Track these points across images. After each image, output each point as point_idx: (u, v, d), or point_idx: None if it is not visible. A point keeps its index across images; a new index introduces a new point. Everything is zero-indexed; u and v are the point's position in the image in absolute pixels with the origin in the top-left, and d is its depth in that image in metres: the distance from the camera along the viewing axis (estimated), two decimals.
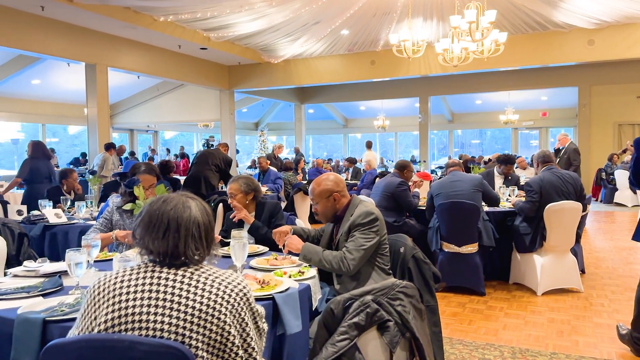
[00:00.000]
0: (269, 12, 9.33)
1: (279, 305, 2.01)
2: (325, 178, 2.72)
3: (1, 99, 14.19)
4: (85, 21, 8.93)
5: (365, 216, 2.54)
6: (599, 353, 3.31)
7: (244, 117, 21.20)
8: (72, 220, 4.43)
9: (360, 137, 24.26)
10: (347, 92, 16.72)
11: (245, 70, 13.43)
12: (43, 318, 1.75)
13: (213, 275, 1.47)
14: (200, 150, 7.92)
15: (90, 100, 9.74)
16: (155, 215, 1.50)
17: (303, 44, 11.67)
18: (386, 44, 11.30)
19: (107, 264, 2.69)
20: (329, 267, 2.51)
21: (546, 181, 4.47)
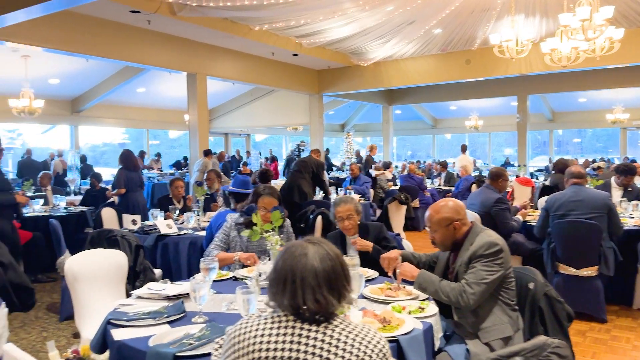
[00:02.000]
0: (360, 16, 9.24)
1: (403, 348, 1.90)
2: (444, 205, 2.56)
3: (109, 107, 15.38)
4: (187, 33, 9.38)
5: (488, 247, 2.35)
6: None
7: (331, 119, 21.32)
8: (182, 231, 4.62)
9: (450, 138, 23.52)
10: (437, 92, 16.20)
11: (335, 74, 13.45)
12: (173, 353, 1.78)
13: (353, 333, 1.39)
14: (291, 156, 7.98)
15: (191, 107, 10.23)
16: (277, 268, 1.45)
17: (394, 45, 11.45)
18: (483, 42, 10.79)
19: (222, 285, 2.74)
20: (446, 299, 2.36)
21: None
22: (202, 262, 2.52)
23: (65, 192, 8.80)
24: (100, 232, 3.80)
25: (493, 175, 5.02)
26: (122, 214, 5.39)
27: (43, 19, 6.34)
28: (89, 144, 19.48)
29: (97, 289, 2.98)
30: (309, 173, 7.14)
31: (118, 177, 6.68)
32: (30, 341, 4.03)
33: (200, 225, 4.88)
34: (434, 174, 13.13)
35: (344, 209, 3.25)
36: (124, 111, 16.11)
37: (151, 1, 7.67)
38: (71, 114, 14.63)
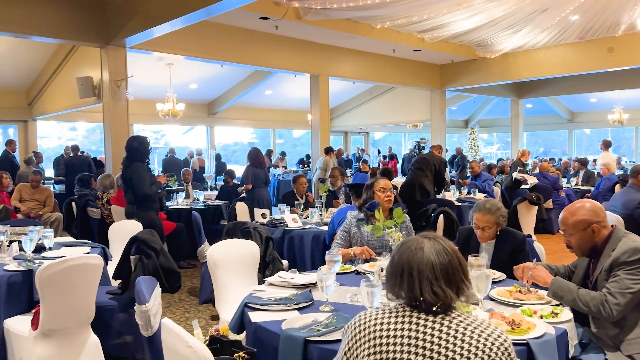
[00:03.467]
0: (488, 7, 8.83)
1: (534, 352, 1.83)
2: (580, 206, 2.37)
3: (240, 109, 16.52)
4: (310, 35, 9.73)
5: (633, 253, 2.15)
6: None
7: (453, 115, 20.62)
8: (306, 225, 4.85)
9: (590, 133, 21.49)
10: (574, 83, 14.89)
11: (458, 68, 13.02)
12: (304, 337, 1.91)
13: (472, 325, 1.39)
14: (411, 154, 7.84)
15: (314, 107, 10.61)
16: (393, 262, 1.51)
17: (525, 35, 10.77)
18: (629, 28, 9.73)
19: (345, 278, 2.84)
20: (585, 309, 2.20)
21: None
22: (328, 254, 2.65)
23: (203, 187, 9.66)
24: (235, 224, 4.13)
25: (635, 172, 4.54)
26: (253, 208, 5.79)
27: (184, 29, 7.02)
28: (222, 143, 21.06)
29: (234, 275, 3.26)
30: (431, 170, 7.00)
31: (246, 174, 7.20)
32: (175, 320, 4.49)
33: (322, 221, 5.07)
34: (571, 172, 12.12)
35: (482, 218, 2.99)
36: (253, 112, 17.18)
37: (279, 7, 8.09)
38: (207, 115, 15.98)
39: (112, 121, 7.73)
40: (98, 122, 11.21)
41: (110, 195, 6.38)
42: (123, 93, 7.66)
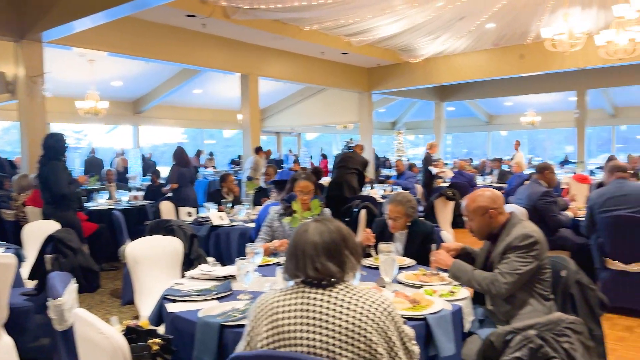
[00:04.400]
0: (410, 13, 9.25)
1: (431, 326, 2.01)
2: (480, 194, 2.63)
3: (168, 107, 16.15)
4: (240, 35, 9.73)
5: (523, 239, 2.40)
6: None
7: (381, 117, 21.28)
8: (233, 223, 4.89)
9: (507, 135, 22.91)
10: (491, 87, 15.86)
11: (385, 72, 13.49)
12: (220, 323, 1.98)
13: (357, 295, 1.55)
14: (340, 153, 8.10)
15: (244, 107, 10.62)
16: (289, 245, 1.68)
17: (445, 41, 11.36)
18: (537, 36, 10.48)
19: (267, 269, 2.92)
20: (479, 288, 2.44)
21: None
22: (249, 246, 2.72)
23: (128, 188, 9.37)
24: (159, 222, 4.11)
25: (539, 168, 5.04)
26: (178, 207, 5.74)
27: (107, 25, 6.80)
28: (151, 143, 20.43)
29: (155, 272, 3.25)
30: (355, 169, 7.26)
31: (171, 173, 7.11)
32: None
33: (250, 218, 5.13)
34: (487, 171, 12.90)
35: (394, 209, 3.23)
36: (182, 112, 16.84)
37: (206, 5, 8.04)
38: (133, 114, 15.47)
39: (28, 119, 7.33)
40: (13, 120, 10.58)
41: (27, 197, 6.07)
42: (40, 90, 7.29)
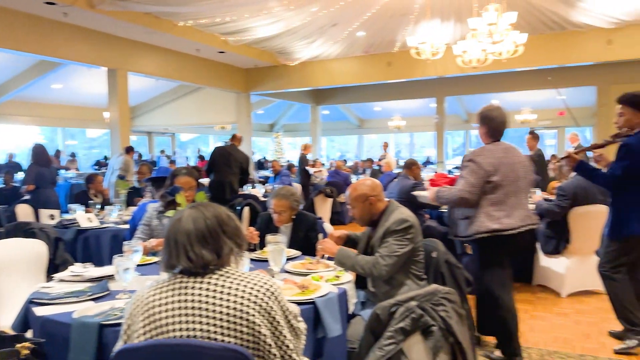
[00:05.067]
0: (286, 16, 9.41)
1: (319, 309, 2.08)
2: (361, 183, 2.78)
3: (21, 104, 14.49)
4: (107, 27, 9.10)
5: (399, 223, 2.58)
6: (626, 356, 3.33)
7: (260, 119, 21.35)
8: (103, 225, 4.55)
9: (376, 138, 24.28)
10: (362, 93, 16.74)
11: (262, 73, 13.55)
12: (99, 322, 1.84)
13: (239, 279, 1.53)
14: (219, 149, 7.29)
15: (112, 104, 9.93)
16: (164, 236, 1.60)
17: (319, 46, 11.75)
18: (403, 45, 11.31)
19: (147, 269, 2.78)
20: (362, 272, 2.57)
21: (580, 187, 4.41)
22: (126, 244, 2.55)
23: None
24: (17, 225, 3.68)
25: (407, 164, 5.47)
26: (38, 210, 5.20)
27: None
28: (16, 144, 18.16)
29: (16, 278, 2.91)
30: (238, 167, 7.02)
31: (29, 173, 6.41)
32: None
33: (123, 219, 4.81)
34: (360, 171, 13.58)
35: (278, 203, 3.28)
36: (38, 108, 15.24)
37: None
38: None
39: None
40: None
41: None
42: None
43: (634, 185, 3.24)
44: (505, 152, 3.21)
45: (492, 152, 3.19)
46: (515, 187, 3.15)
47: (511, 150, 3.26)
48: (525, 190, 3.26)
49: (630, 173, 3.19)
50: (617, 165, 3.23)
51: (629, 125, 3.29)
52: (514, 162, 3.19)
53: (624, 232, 3.30)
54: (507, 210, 3.09)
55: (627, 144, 3.21)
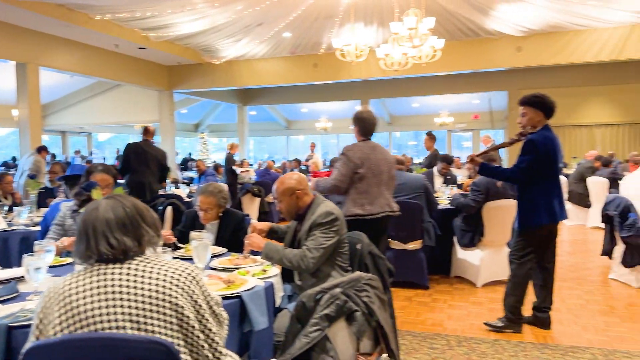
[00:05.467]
0: (211, 12, 9.25)
1: (245, 302, 2.07)
2: (288, 177, 2.81)
3: None
4: (16, 18, 8.49)
5: (325, 216, 2.63)
6: (534, 337, 3.60)
7: (184, 119, 20.79)
8: (12, 227, 4.24)
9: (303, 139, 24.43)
10: (289, 94, 16.81)
11: (186, 71, 13.20)
12: (7, 324, 1.72)
13: (160, 264, 1.52)
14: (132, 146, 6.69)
15: (21, 101, 9.26)
16: (77, 228, 1.57)
17: (245, 45, 11.65)
18: (328, 48, 11.49)
19: (61, 270, 2.63)
20: (289, 265, 2.59)
21: (492, 182, 4.66)
22: (37, 244, 2.40)
23: None
24: None
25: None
26: None
27: None
28: None
29: None
30: (157, 166, 6.70)
31: None
32: None
33: (33, 221, 4.51)
34: (288, 171, 13.60)
35: (205, 200, 3.21)
36: None
37: None
38: None
39: None
40: None
41: None
42: None
43: (540, 178, 3.54)
44: (372, 150, 3.76)
45: (360, 148, 3.75)
46: (378, 179, 3.70)
47: (378, 148, 3.84)
48: (387, 183, 3.79)
49: (535, 167, 3.49)
50: (522, 159, 3.53)
51: (532, 124, 3.58)
52: (378, 158, 3.74)
53: (532, 223, 3.58)
54: (369, 198, 3.62)
55: (532, 140, 3.50)
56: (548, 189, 3.56)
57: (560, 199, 3.63)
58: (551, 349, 3.36)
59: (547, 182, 3.56)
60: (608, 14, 9.24)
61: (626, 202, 4.71)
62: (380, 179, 3.70)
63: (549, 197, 3.55)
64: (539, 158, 3.47)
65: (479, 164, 3.67)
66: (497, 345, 3.44)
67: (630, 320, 3.91)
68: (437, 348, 3.41)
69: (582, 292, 4.69)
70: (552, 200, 3.55)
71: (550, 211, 3.54)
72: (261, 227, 2.90)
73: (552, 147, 3.53)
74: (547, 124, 3.62)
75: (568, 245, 7.03)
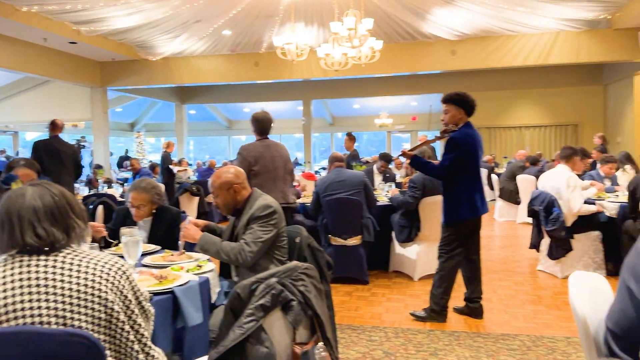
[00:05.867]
0: (146, 7, 8.95)
1: (179, 298, 2.01)
2: (225, 170, 2.75)
3: None
4: None
5: (263, 209, 2.60)
6: (468, 327, 3.73)
7: (119, 117, 20.01)
8: None
9: (245, 139, 24.16)
10: (230, 93, 16.57)
11: (121, 67, 12.70)
12: None
13: (88, 257, 1.44)
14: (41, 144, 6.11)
15: None
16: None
17: (184, 41, 11.36)
18: (269, 46, 11.43)
19: None
20: (226, 258, 2.54)
21: (428, 179, 4.81)
22: None
23: None
24: None
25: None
26: None
27: None
28: None
29: None
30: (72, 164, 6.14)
31: None
32: None
33: None
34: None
35: (137, 197, 3.08)
36: None
37: None
38: None
39: None
40: None
41: None
42: None
43: (462, 175, 3.68)
44: (266, 148, 4.14)
45: (255, 147, 4.14)
46: (274, 174, 4.08)
47: (272, 146, 4.20)
48: (283, 177, 4.17)
49: (458, 164, 3.63)
50: (445, 157, 3.68)
51: (454, 121, 3.73)
52: (273, 155, 4.11)
53: (456, 217, 3.71)
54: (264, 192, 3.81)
55: (453, 138, 3.64)
56: (470, 184, 3.70)
57: (481, 193, 3.79)
58: (483, 337, 3.50)
59: (469, 178, 3.70)
60: (535, 20, 9.77)
61: (550, 197, 4.98)
62: (276, 174, 4.09)
63: (471, 193, 3.69)
64: (461, 156, 3.62)
65: (410, 157, 3.79)
66: (432, 335, 3.54)
67: (555, 309, 4.14)
68: (376, 340, 3.46)
69: (511, 283, 4.92)
70: (474, 195, 3.70)
71: (472, 206, 3.69)
72: (200, 223, 2.83)
73: (473, 144, 3.67)
74: (468, 121, 3.76)
75: (499, 240, 7.35)
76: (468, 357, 3.17)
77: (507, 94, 14.97)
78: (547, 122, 15.23)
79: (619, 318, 1.44)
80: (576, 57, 10.54)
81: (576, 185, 4.89)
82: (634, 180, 4.75)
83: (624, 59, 10.36)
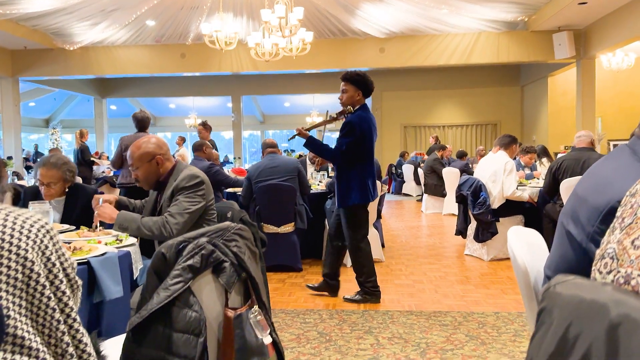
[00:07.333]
0: None
1: (95, 269, 1.81)
2: (146, 140, 2.53)
3: None
4: None
5: (190, 179, 2.44)
6: (401, 306, 3.74)
7: (32, 112, 18.64)
8: None
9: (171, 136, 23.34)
10: (155, 86, 15.91)
11: (34, 56, 11.77)
12: None
13: (7, 210, 1.23)
14: None
15: None
16: None
17: (104, 30, 10.73)
18: (197, 38, 11.06)
19: None
20: (149, 234, 2.34)
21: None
22: None
23: None
24: None
25: (196, 147, 5.42)
26: None
27: None
28: None
29: None
30: None
31: None
32: None
33: None
34: None
35: (47, 173, 2.80)
36: None
37: None
38: None
39: None
40: None
41: None
42: None
43: (357, 160, 3.63)
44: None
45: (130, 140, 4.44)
46: None
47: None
48: None
49: (354, 148, 3.57)
50: (342, 142, 3.60)
51: (351, 102, 3.69)
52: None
53: (348, 202, 3.67)
54: None
55: (349, 122, 3.59)
56: (363, 170, 3.65)
57: (373, 179, 3.76)
58: (416, 315, 3.51)
59: (362, 163, 3.65)
60: (458, 20, 10.15)
61: (478, 182, 5.15)
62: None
63: (363, 178, 3.64)
64: (357, 141, 3.56)
65: (306, 137, 3.67)
66: (366, 315, 3.51)
67: (483, 287, 4.25)
68: (310, 322, 3.37)
69: (440, 266, 5.03)
70: (367, 180, 3.66)
71: (363, 191, 3.64)
72: (108, 198, 2.59)
73: (369, 127, 3.62)
74: (365, 103, 3.72)
75: (426, 229, 7.54)
76: (402, 334, 3.16)
77: (432, 93, 15.48)
78: (468, 121, 15.91)
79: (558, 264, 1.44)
80: (496, 57, 11.07)
81: (512, 170, 5.12)
82: (557, 160, 5.00)
83: (540, 59, 11.01)
